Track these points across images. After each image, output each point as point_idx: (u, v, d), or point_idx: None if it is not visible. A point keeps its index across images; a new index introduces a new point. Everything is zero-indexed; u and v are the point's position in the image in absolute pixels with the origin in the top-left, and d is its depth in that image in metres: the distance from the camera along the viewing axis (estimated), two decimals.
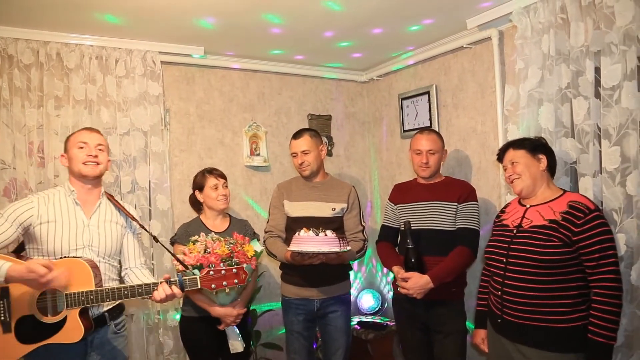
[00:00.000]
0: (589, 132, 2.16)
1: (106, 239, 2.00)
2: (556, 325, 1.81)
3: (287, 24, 2.78)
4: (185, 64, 3.25)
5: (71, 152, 1.99)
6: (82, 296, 1.79)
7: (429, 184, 2.57)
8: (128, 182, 2.93)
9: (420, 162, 2.52)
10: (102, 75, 2.88)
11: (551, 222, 1.86)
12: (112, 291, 1.82)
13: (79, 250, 1.92)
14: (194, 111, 3.32)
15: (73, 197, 1.98)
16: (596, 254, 1.77)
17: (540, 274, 1.83)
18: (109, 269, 2.01)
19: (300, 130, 2.67)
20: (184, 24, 2.71)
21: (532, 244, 1.87)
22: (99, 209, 2.03)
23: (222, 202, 2.50)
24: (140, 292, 1.85)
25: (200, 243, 2.19)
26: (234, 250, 2.20)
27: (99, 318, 1.94)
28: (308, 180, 2.66)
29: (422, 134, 2.54)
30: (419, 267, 2.35)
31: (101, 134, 2.09)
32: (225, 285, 1.88)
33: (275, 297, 3.40)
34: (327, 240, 2.22)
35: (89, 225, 1.97)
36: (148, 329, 3.01)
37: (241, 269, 1.91)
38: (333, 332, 2.59)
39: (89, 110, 2.85)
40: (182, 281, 1.87)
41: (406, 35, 3.06)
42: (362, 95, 4.04)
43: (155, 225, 2.99)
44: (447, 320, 2.41)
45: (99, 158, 2.00)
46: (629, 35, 1.97)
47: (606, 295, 1.75)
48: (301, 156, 2.59)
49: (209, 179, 2.50)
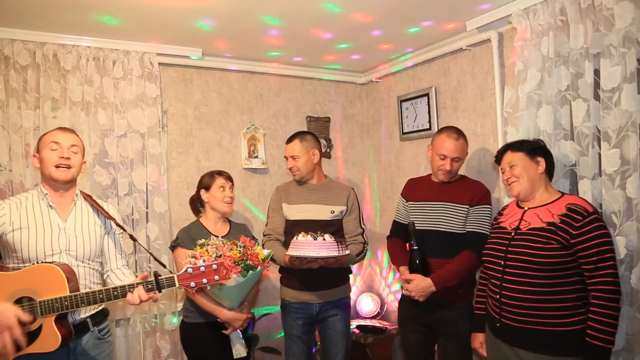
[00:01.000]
0: (588, 134, 2.16)
1: (84, 242, 1.93)
2: (555, 329, 1.81)
3: (286, 26, 2.78)
4: (183, 66, 3.25)
5: (43, 152, 1.91)
6: (56, 302, 1.71)
7: (442, 184, 2.50)
8: (125, 184, 2.93)
9: (442, 168, 2.41)
10: (99, 77, 2.88)
11: (549, 224, 1.87)
12: (86, 296, 1.74)
13: (55, 255, 1.85)
14: (192, 113, 3.33)
15: (47, 201, 1.91)
16: (594, 257, 1.77)
17: (539, 277, 1.84)
18: (89, 272, 1.95)
19: (293, 135, 2.69)
20: (181, 25, 2.71)
21: (530, 247, 1.87)
22: (74, 211, 1.96)
23: (228, 204, 2.52)
24: (116, 294, 1.77)
25: (211, 246, 2.16)
26: (247, 252, 2.18)
27: (81, 324, 1.89)
28: (304, 184, 2.66)
29: (449, 137, 2.40)
30: (423, 269, 2.33)
31: (76, 134, 2.01)
32: (205, 283, 1.79)
33: (273, 301, 3.40)
34: (325, 244, 2.24)
35: (64, 229, 1.90)
36: (145, 333, 3.00)
37: (222, 265, 1.82)
38: (332, 336, 2.59)
39: (86, 112, 2.85)
40: (159, 281, 1.80)
41: (405, 37, 3.07)
42: (361, 97, 4.04)
43: (153, 228, 2.98)
44: (453, 323, 2.37)
45: (72, 161, 1.92)
46: (629, 38, 1.99)
47: (604, 299, 1.75)
48: (290, 161, 2.63)
49: (218, 179, 2.53)
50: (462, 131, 2.49)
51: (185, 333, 2.47)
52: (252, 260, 2.18)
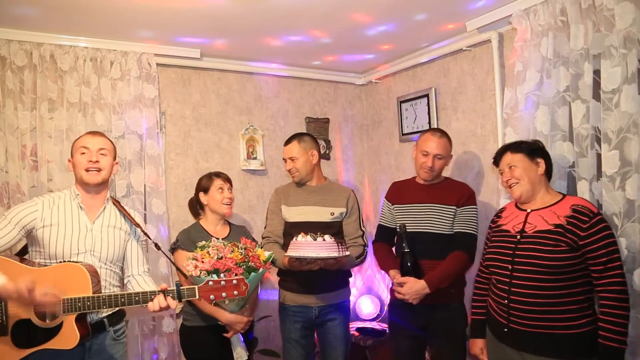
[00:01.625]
0: (587, 135, 2.17)
1: (108, 245, 2.00)
2: (564, 331, 1.81)
3: (284, 27, 2.79)
4: (181, 66, 3.25)
5: (75, 157, 2.02)
6: (79, 302, 1.77)
7: (427, 185, 2.53)
8: (123, 185, 2.93)
9: (424, 165, 2.45)
10: (96, 78, 2.88)
11: (557, 226, 1.86)
12: (108, 298, 1.80)
13: (80, 254, 1.93)
14: (190, 114, 3.33)
15: (77, 201, 2.00)
16: (603, 257, 1.77)
17: (548, 280, 1.83)
18: (110, 275, 2.02)
19: (291, 136, 2.68)
20: (180, 25, 2.71)
21: (539, 250, 1.86)
22: (103, 214, 2.04)
23: (227, 205, 2.52)
24: (137, 300, 1.83)
25: (212, 248, 2.17)
26: (248, 254, 2.19)
27: (98, 324, 1.94)
28: (303, 185, 2.66)
29: (433, 135, 2.46)
30: (415, 272, 2.33)
31: (105, 137, 2.10)
32: (224, 297, 1.84)
33: (272, 303, 3.39)
34: (326, 245, 2.22)
35: (91, 230, 1.98)
36: (143, 336, 3.00)
37: (242, 280, 1.87)
38: (332, 340, 2.58)
39: (83, 113, 2.85)
40: (180, 291, 1.85)
41: (405, 38, 3.07)
42: (361, 98, 4.04)
43: (151, 230, 2.98)
44: (449, 324, 2.38)
45: (101, 163, 2.00)
46: (630, 38, 1.99)
47: (616, 299, 1.75)
48: (289, 163, 2.62)
49: (216, 180, 2.53)
50: (446, 132, 2.54)
51: (185, 336, 2.47)
52: (254, 262, 2.17)
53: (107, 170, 2.04)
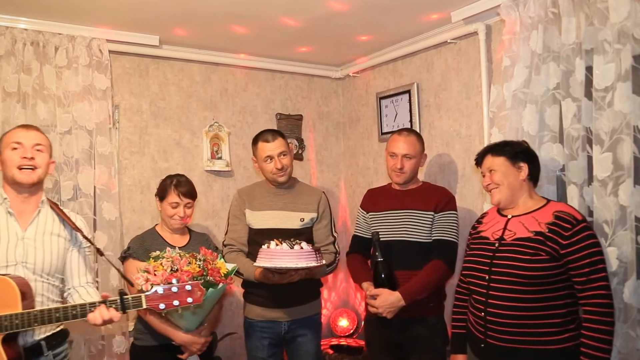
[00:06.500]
0: (578, 137, 2.18)
1: (44, 255, 1.91)
2: (545, 347, 1.81)
3: (253, 13, 2.73)
4: (137, 55, 3.18)
5: (4, 154, 1.90)
6: (5, 320, 1.67)
7: (403, 191, 2.55)
8: (69, 187, 2.83)
9: (394, 167, 2.47)
10: (38, 64, 2.77)
11: (537, 234, 1.86)
12: (41, 314, 1.71)
13: (10, 267, 1.83)
14: (148, 108, 3.25)
15: (5, 206, 1.90)
16: (586, 268, 1.78)
17: (527, 292, 1.83)
18: (47, 289, 1.92)
19: (269, 131, 2.60)
20: (136, 8, 2.63)
21: (517, 259, 1.86)
22: (37, 220, 1.95)
23: (177, 222, 2.42)
24: (75, 314, 1.74)
25: (167, 259, 2.08)
26: (207, 267, 2.10)
27: (34, 347, 1.84)
28: (276, 187, 2.59)
29: (399, 135, 2.50)
30: (389, 283, 2.32)
31: (41, 132, 2.00)
32: (176, 305, 1.77)
33: (237, 319, 3.33)
34: (304, 253, 2.14)
35: (23, 239, 1.88)
36: (90, 357, 2.89)
37: (197, 285, 1.81)
38: (303, 357, 2.55)
39: (23, 105, 2.73)
40: (124, 300, 1.77)
41: (385, 28, 3.05)
42: (337, 93, 4.03)
43: (101, 238, 2.89)
44: (427, 339, 2.38)
45: (36, 161, 1.90)
46: (624, 33, 2.00)
47: (599, 313, 1.76)
48: (281, 159, 2.50)
49: (171, 195, 2.39)
50: (414, 130, 2.56)
51: (136, 357, 2.40)
52: (213, 276, 2.10)
53: (43, 169, 1.94)
